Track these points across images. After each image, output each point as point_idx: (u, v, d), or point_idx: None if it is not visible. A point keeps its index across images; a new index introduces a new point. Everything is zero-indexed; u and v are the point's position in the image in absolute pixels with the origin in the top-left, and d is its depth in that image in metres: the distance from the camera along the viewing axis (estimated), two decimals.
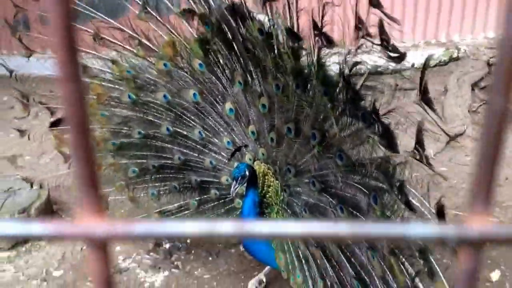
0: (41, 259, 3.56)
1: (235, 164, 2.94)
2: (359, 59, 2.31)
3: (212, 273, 3.49)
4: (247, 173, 2.73)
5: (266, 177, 2.97)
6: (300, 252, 2.80)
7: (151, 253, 3.61)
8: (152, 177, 3.34)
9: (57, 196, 3.96)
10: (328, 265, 2.66)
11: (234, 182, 2.71)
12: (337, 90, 2.42)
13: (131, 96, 3.12)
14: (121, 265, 3.51)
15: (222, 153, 3.13)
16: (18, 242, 3.61)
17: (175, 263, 3.54)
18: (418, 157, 2.20)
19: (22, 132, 3.33)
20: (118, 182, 3.37)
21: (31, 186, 3.60)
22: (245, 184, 2.79)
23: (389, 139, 2.21)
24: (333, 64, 2.45)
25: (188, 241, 3.17)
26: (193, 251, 3.63)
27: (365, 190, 2.43)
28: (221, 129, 3.09)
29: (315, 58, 2.45)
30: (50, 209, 3.86)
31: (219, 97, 3.04)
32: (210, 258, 3.55)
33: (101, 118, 3.20)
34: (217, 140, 3.12)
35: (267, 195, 2.97)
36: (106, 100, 3.15)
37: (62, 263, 3.53)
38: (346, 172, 2.53)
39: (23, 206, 3.64)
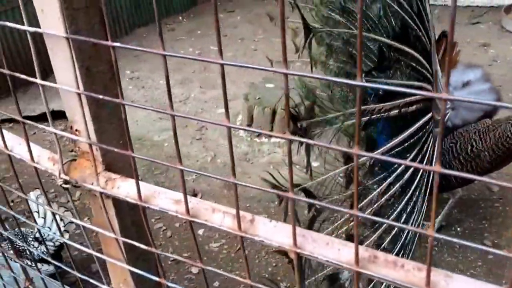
0: (304, 150, 4.22)
1: None
2: None
3: None
4: None
5: None
6: None
7: None
8: None
9: None
10: None
11: None
12: None
13: (341, 2, 3.47)
14: None
15: None
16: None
17: None
18: None
19: (272, 18, 4.15)
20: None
21: None
22: None
23: None
24: None
25: None
26: None
27: None
28: None
29: None
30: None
31: None
32: None
33: (321, 18, 3.70)
34: None
35: None
36: (326, 2, 3.61)
37: (319, 157, 3.99)
38: None
39: None
